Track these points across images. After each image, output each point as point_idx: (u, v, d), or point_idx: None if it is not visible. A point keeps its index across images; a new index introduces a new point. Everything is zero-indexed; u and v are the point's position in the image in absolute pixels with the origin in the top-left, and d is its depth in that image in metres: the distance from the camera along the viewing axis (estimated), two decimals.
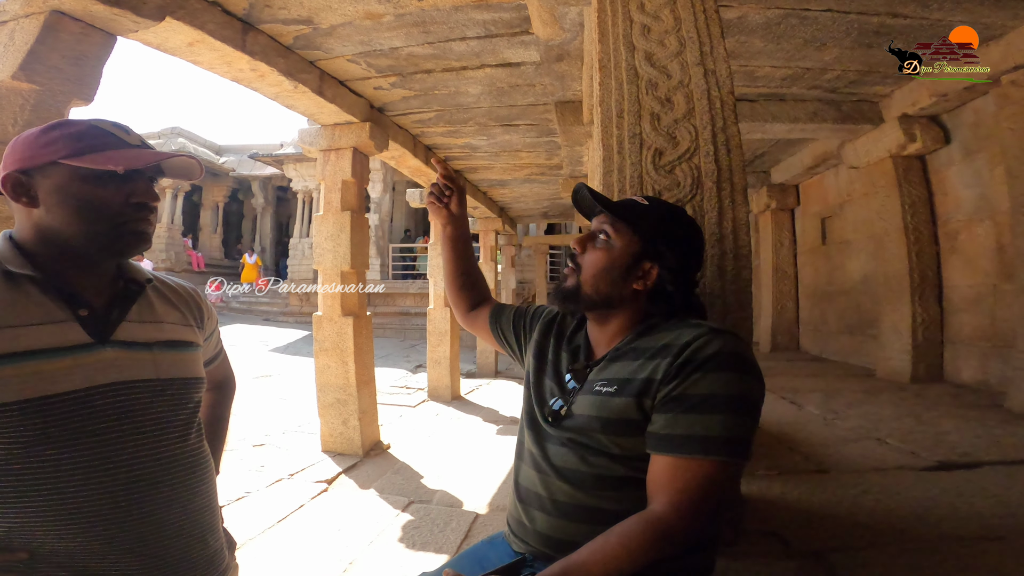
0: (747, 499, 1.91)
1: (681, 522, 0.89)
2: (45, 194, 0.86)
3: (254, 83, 3.35)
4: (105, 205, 0.88)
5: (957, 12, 3.04)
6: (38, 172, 0.85)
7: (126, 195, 0.89)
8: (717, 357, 0.95)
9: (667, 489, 0.91)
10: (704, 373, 0.94)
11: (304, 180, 16.32)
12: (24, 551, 0.79)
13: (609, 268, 1.10)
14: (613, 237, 1.10)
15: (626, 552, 0.88)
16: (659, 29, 1.73)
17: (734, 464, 0.92)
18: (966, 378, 4.25)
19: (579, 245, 1.14)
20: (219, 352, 1.21)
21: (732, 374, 0.94)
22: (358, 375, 4.26)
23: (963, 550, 1.61)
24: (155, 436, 0.90)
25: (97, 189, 0.87)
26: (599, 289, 1.10)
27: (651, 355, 1.01)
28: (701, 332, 0.99)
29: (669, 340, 1.01)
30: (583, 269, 1.12)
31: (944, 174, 4.51)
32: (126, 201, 0.89)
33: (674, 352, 0.98)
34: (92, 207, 0.87)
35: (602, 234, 1.11)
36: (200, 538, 0.94)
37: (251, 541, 2.71)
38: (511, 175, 7.01)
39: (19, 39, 2.12)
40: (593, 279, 1.10)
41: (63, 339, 0.83)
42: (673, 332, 1.03)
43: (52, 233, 0.87)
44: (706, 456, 0.90)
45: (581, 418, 1.04)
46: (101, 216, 0.88)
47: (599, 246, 1.11)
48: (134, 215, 0.91)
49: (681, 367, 0.96)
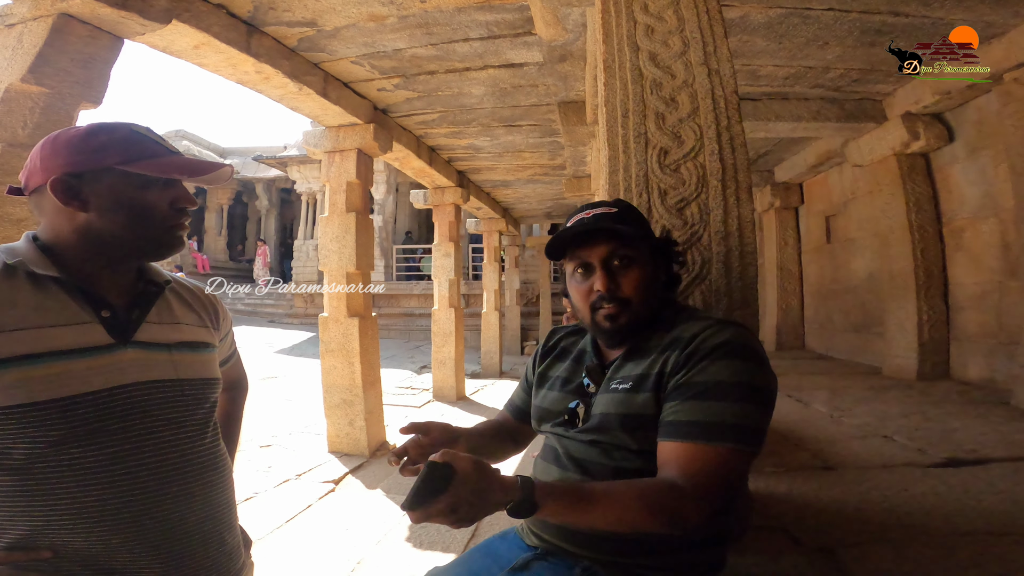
0: (755, 495, 1.91)
1: (693, 500, 0.87)
2: (98, 198, 0.87)
3: (259, 85, 3.37)
4: (154, 209, 0.91)
5: (959, 10, 3.04)
6: (89, 176, 0.87)
7: (170, 200, 0.93)
8: (724, 346, 0.95)
9: (676, 470, 0.90)
10: (711, 361, 0.95)
11: (308, 182, 16.35)
12: (48, 550, 0.80)
13: (651, 280, 1.09)
14: (633, 253, 1.08)
15: (637, 500, 0.87)
16: (663, 29, 1.74)
17: (743, 452, 0.91)
18: (972, 375, 4.24)
19: (610, 283, 1.06)
20: (233, 353, 1.22)
21: (739, 362, 0.94)
22: (364, 376, 4.28)
23: (971, 546, 1.61)
24: (174, 435, 0.91)
25: (146, 194, 0.90)
26: (651, 307, 1.09)
27: (663, 350, 1.02)
28: (709, 323, 1.01)
29: (678, 333, 1.03)
30: (632, 298, 1.06)
31: (948, 172, 4.50)
32: (171, 205, 0.93)
33: (682, 344, 0.99)
34: (143, 211, 0.90)
35: (618, 259, 1.07)
36: (218, 535, 0.95)
37: (260, 541, 2.73)
38: (514, 176, 7.03)
39: (27, 42, 2.14)
40: (643, 302, 1.07)
41: (87, 340, 0.84)
42: (682, 325, 1.04)
43: (99, 236, 0.88)
44: (710, 442, 0.90)
45: (600, 417, 1.04)
46: (151, 220, 0.91)
47: (627, 268, 1.07)
48: (178, 219, 0.94)
49: (689, 356, 0.97)
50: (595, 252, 1.08)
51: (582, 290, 1.10)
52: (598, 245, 1.08)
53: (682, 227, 1.58)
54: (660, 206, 1.59)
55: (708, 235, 1.56)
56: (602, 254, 1.07)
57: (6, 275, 0.82)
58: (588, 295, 1.09)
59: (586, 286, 1.09)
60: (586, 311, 1.10)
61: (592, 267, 1.08)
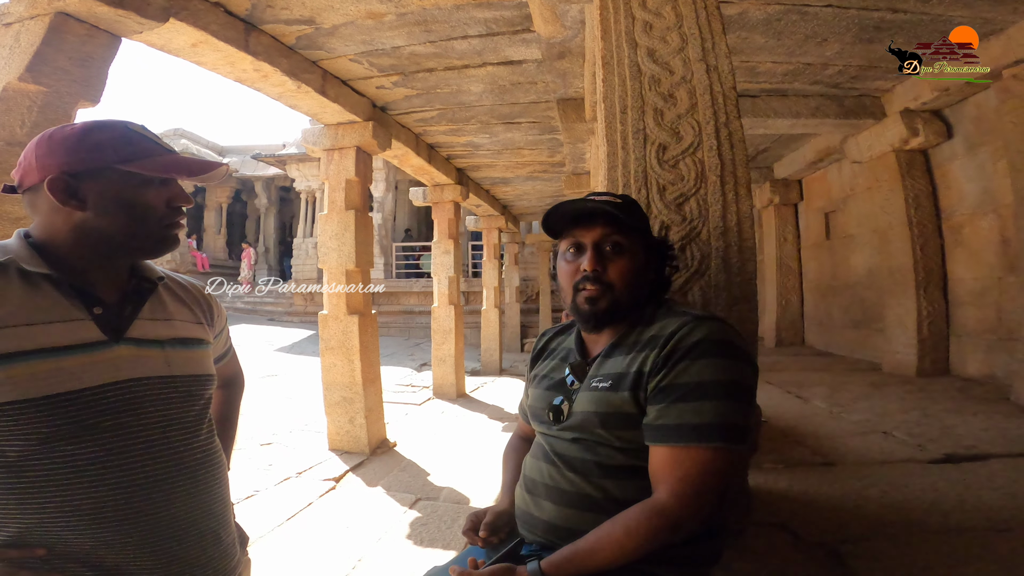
0: (754, 491, 1.91)
1: (684, 510, 0.90)
2: (95, 197, 0.87)
3: (257, 83, 3.36)
4: (152, 208, 0.91)
5: (957, 7, 3.04)
6: (87, 175, 0.87)
7: (167, 198, 0.93)
8: (702, 344, 0.96)
9: (668, 479, 0.93)
10: (691, 361, 0.95)
11: (307, 180, 16.34)
12: (42, 548, 0.80)
13: (639, 272, 1.11)
14: (626, 242, 1.09)
15: (629, 539, 0.91)
16: (661, 26, 1.74)
17: (731, 451, 0.92)
18: (972, 371, 4.24)
19: (597, 264, 1.08)
20: (228, 350, 1.22)
21: (719, 360, 0.95)
22: (364, 373, 4.28)
23: (971, 541, 1.62)
24: (167, 432, 0.90)
25: (144, 193, 0.90)
26: (635, 296, 1.10)
27: (641, 348, 1.04)
28: (685, 321, 1.01)
29: (656, 331, 1.04)
30: (615, 283, 1.08)
31: (947, 168, 4.50)
32: (167, 204, 0.93)
33: (660, 343, 1.00)
34: (141, 210, 0.90)
35: (611, 245, 1.09)
36: (213, 533, 0.95)
37: (261, 539, 2.73)
38: (513, 173, 7.02)
39: (25, 41, 2.14)
40: (628, 289, 1.09)
41: (79, 337, 0.84)
42: (660, 323, 1.05)
43: (96, 234, 0.88)
44: (700, 443, 0.91)
45: (581, 415, 1.06)
46: (149, 219, 0.91)
47: (618, 255, 1.09)
48: (174, 218, 0.95)
49: (667, 357, 0.98)
50: (590, 233, 1.10)
51: (569, 269, 1.13)
52: (594, 227, 1.10)
53: (681, 223, 1.58)
54: (659, 202, 1.59)
55: (707, 231, 1.56)
56: (596, 236, 1.10)
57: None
58: (574, 275, 1.11)
59: (574, 265, 1.12)
60: (569, 290, 1.13)
61: (584, 247, 1.11)
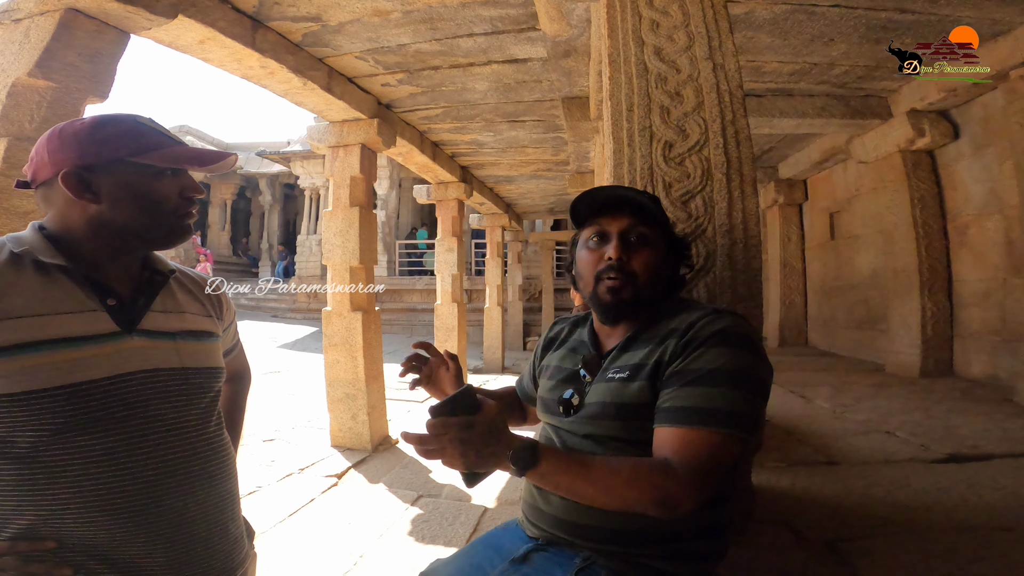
0: (758, 489, 1.92)
1: (688, 479, 0.87)
2: (109, 189, 0.88)
3: (264, 80, 3.37)
4: (165, 199, 0.92)
5: (965, 7, 3.03)
6: (100, 169, 0.88)
7: (179, 189, 0.94)
8: (721, 334, 0.96)
9: (675, 454, 0.91)
10: (707, 348, 0.96)
11: (311, 177, 16.37)
12: (52, 540, 0.81)
13: (663, 265, 1.10)
14: (651, 234, 1.09)
15: (630, 471, 0.89)
16: (668, 24, 1.75)
17: (738, 438, 0.91)
18: (976, 372, 4.24)
19: (622, 252, 1.07)
20: (236, 344, 1.23)
21: (735, 350, 0.95)
22: (367, 370, 4.28)
23: (973, 540, 1.62)
24: (178, 423, 0.91)
25: (158, 184, 0.91)
26: (656, 290, 1.10)
27: (660, 340, 1.03)
28: (706, 312, 1.02)
29: (676, 324, 1.04)
30: (639, 274, 1.07)
31: (953, 169, 4.49)
32: (180, 194, 0.95)
33: (680, 332, 1.00)
34: (155, 201, 0.91)
35: (636, 235, 1.09)
36: (222, 525, 0.96)
37: (264, 534, 2.74)
38: (517, 171, 7.02)
39: (34, 37, 2.15)
40: (651, 281, 1.08)
41: (92, 327, 0.85)
42: (679, 316, 1.05)
43: (111, 226, 0.89)
44: (706, 427, 0.90)
45: (595, 406, 1.05)
46: (163, 210, 0.92)
47: (643, 246, 1.09)
48: (187, 208, 0.96)
49: (686, 344, 0.98)
50: (616, 222, 1.09)
51: (592, 258, 1.11)
52: (620, 216, 1.10)
53: (687, 220, 1.58)
54: (665, 199, 1.59)
55: (712, 228, 1.57)
56: (622, 225, 1.09)
57: (12, 263, 0.83)
58: (597, 263, 1.10)
59: (597, 254, 1.11)
60: (590, 280, 1.11)
61: (609, 236, 1.10)
